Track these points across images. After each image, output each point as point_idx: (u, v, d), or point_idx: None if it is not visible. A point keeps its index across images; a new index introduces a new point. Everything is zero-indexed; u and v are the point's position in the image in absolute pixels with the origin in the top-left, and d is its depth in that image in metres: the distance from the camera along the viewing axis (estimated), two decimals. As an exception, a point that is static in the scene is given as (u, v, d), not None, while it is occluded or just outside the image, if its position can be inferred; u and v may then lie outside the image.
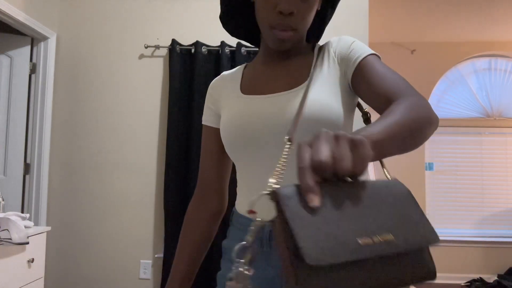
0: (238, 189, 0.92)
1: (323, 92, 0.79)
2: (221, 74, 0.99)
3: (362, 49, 0.81)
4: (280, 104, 0.80)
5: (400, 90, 0.70)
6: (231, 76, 0.95)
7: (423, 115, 0.62)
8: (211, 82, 0.99)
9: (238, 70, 0.97)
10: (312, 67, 0.84)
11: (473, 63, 4.51)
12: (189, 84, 2.62)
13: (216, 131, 0.93)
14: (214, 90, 0.96)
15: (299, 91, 0.80)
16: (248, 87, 0.89)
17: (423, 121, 0.62)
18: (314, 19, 0.87)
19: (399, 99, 0.67)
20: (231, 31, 1.00)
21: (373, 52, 0.81)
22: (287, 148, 0.59)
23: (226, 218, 1.12)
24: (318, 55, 0.87)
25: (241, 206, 0.89)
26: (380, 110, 0.72)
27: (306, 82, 0.81)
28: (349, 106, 0.83)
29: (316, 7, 0.83)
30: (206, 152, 0.96)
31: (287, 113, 0.78)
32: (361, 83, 0.77)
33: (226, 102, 0.90)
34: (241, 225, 0.86)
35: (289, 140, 0.61)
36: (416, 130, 0.60)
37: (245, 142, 0.82)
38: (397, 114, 0.60)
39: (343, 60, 0.83)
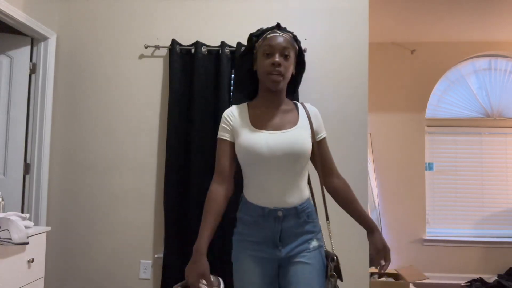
0: (247, 184, 1.46)
1: (305, 135, 1.42)
2: (232, 107, 1.50)
3: (324, 130, 1.52)
4: (280, 139, 1.38)
5: (333, 167, 1.53)
6: (240, 111, 1.48)
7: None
8: (226, 112, 1.48)
9: (243, 107, 1.49)
10: (299, 117, 1.46)
11: (473, 63, 4.51)
12: (189, 84, 2.61)
13: (232, 144, 1.44)
14: (230, 118, 1.46)
15: (290, 132, 1.40)
16: (257, 123, 1.43)
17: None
18: (290, 83, 1.49)
19: (337, 176, 1.53)
20: (241, 92, 1.56)
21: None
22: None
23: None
24: (299, 110, 1.49)
25: (249, 196, 1.44)
26: (319, 170, 1.51)
27: (296, 127, 1.43)
28: None
29: (292, 67, 1.44)
30: (224, 154, 1.44)
31: (285, 144, 1.37)
32: (318, 149, 1.50)
33: (241, 131, 1.42)
34: (249, 209, 1.42)
35: None
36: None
37: (258, 161, 1.38)
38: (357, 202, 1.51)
39: (315, 128, 1.48)
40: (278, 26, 1.45)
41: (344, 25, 2.68)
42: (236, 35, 2.65)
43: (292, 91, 1.55)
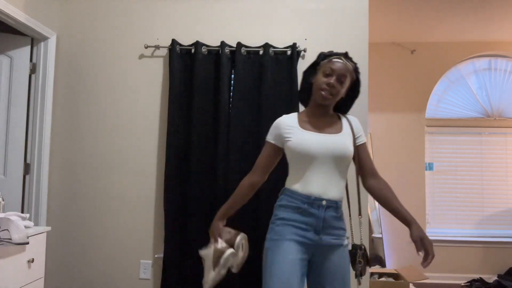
0: (294, 177, 1.62)
1: (348, 141, 1.63)
2: (283, 116, 1.72)
3: (364, 135, 1.72)
4: (328, 140, 1.59)
5: (374, 169, 1.70)
6: (290, 119, 1.68)
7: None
8: (279, 120, 1.71)
9: (293, 116, 1.70)
10: (342, 126, 1.67)
11: (473, 63, 4.51)
12: (189, 84, 2.61)
13: (277, 148, 1.67)
14: (280, 125, 1.67)
15: (336, 137, 1.61)
16: (306, 127, 1.63)
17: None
18: (340, 104, 1.69)
19: (376, 177, 1.70)
20: (301, 100, 1.78)
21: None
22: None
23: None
24: (342, 121, 1.70)
25: (296, 187, 1.60)
26: (361, 170, 1.72)
27: (340, 133, 1.63)
28: None
29: (343, 92, 1.63)
30: (265, 154, 1.70)
31: (332, 145, 1.58)
32: (359, 152, 1.69)
33: (292, 133, 1.62)
34: (294, 198, 1.59)
35: None
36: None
37: (307, 156, 1.57)
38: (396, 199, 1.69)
39: (356, 134, 1.68)
40: (345, 55, 1.65)
41: (344, 25, 2.68)
42: (236, 35, 2.66)
43: (338, 111, 1.74)
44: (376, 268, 3.89)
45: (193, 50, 2.62)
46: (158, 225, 2.65)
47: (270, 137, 1.69)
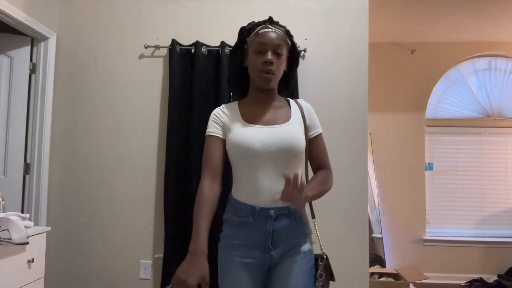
0: (237, 182, 1.38)
1: (299, 131, 1.36)
2: (221, 106, 1.44)
3: (319, 126, 1.46)
4: (273, 133, 1.32)
5: (325, 163, 1.44)
6: (230, 108, 1.42)
7: (330, 185, 1.40)
8: (216, 110, 1.42)
9: (234, 104, 1.44)
10: (291, 113, 1.40)
11: (473, 63, 4.51)
12: (189, 84, 2.61)
13: (222, 140, 1.36)
14: (220, 115, 1.40)
15: (283, 127, 1.34)
16: (248, 119, 1.37)
17: (328, 187, 1.39)
18: (282, 79, 1.42)
19: (324, 169, 1.43)
20: (233, 89, 1.53)
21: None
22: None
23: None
24: (291, 106, 1.43)
25: (239, 195, 1.35)
26: (312, 165, 1.45)
27: (288, 122, 1.36)
28: None
29: (284, 64, 1.38)
30: (214, 152, 1.34)
31: (278, 139, 1.31)
32: (312, 146, 1.43)
33: (232, 126, 1.35)
34: (238, 209, 1.34)
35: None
36: (324, 192, 1.36)
37: (250, 156, 1.30)
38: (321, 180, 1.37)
39: (308, 123, 1.42)
40: (270, 21, 1.37)
41: (344, 25, 2.68)
42: (236, 35, 2.65)
43: (285, 88, 1.50)
44: (376, 268, 3.89)
45: (193, 50, 2.62)
46: (158, 225, 2.65)
47: (213, 129, 1.37)
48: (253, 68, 1.34)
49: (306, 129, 1.39)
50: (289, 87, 1.51)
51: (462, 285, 4.14)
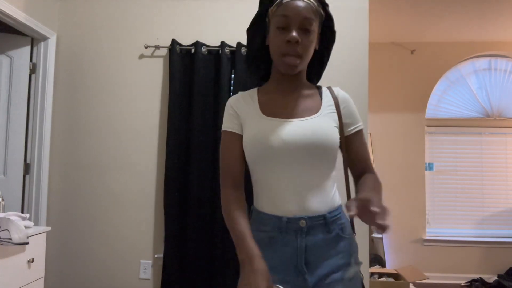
0: (259, 190, 1.11)
1: (330, 125, 1.08)
2: (238, 93, 1.19)
3: (359, 120, 1.16)
4: (295, 128, 1.05)
5: (370, 165, 1.14)
6: (248, 97, 1.16)
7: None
8: (231, 99, 1.18)
9: (252, 92, 1.18)
10: (322, 104, 1.11)
11: (473, 63, 4.51)
12: (189, 84, 2.61)
13: (240, 136, 1.11)
14: (236, 105, 1.14)
15: (310, 120, 1.07)
16: (268, 110, 1.10)
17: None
18: (313, 61, 1.15)
19: (370, 173, 1.12)
20: (253, 71, 1.23)
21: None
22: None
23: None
24: (322, 95, 1.15)
25: (262, 205, 1.09)
26: (352, 170, 1.15)
27: (317, 114, 1.09)
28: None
29: (315, 43, 1.09)
30: (232, 153, 1.11)
31: (303, 135, 1.04)
32: (351, 144, 1.14)
33: (249, 119, 1.11)
34: (262, 222, 1.08)
35: None
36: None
37: (265, 155, 1.05)
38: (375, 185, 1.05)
39: (345, 117, 1.12)
40: None
41: (344, 25, 2.68)
42: (236, 35, 2.65)
43: (317, 71, 1.22)
44: (376, 268, 3.89)
45: (193, 50, 2.62)
46: (158, 225, 2.65)
47: (229, 124, 1.14)
48: (275, 50, 1.07)
49: (342, 124, 1.11)
50: (322, 70, 1.24)
51: (462, 285, 4.14)
